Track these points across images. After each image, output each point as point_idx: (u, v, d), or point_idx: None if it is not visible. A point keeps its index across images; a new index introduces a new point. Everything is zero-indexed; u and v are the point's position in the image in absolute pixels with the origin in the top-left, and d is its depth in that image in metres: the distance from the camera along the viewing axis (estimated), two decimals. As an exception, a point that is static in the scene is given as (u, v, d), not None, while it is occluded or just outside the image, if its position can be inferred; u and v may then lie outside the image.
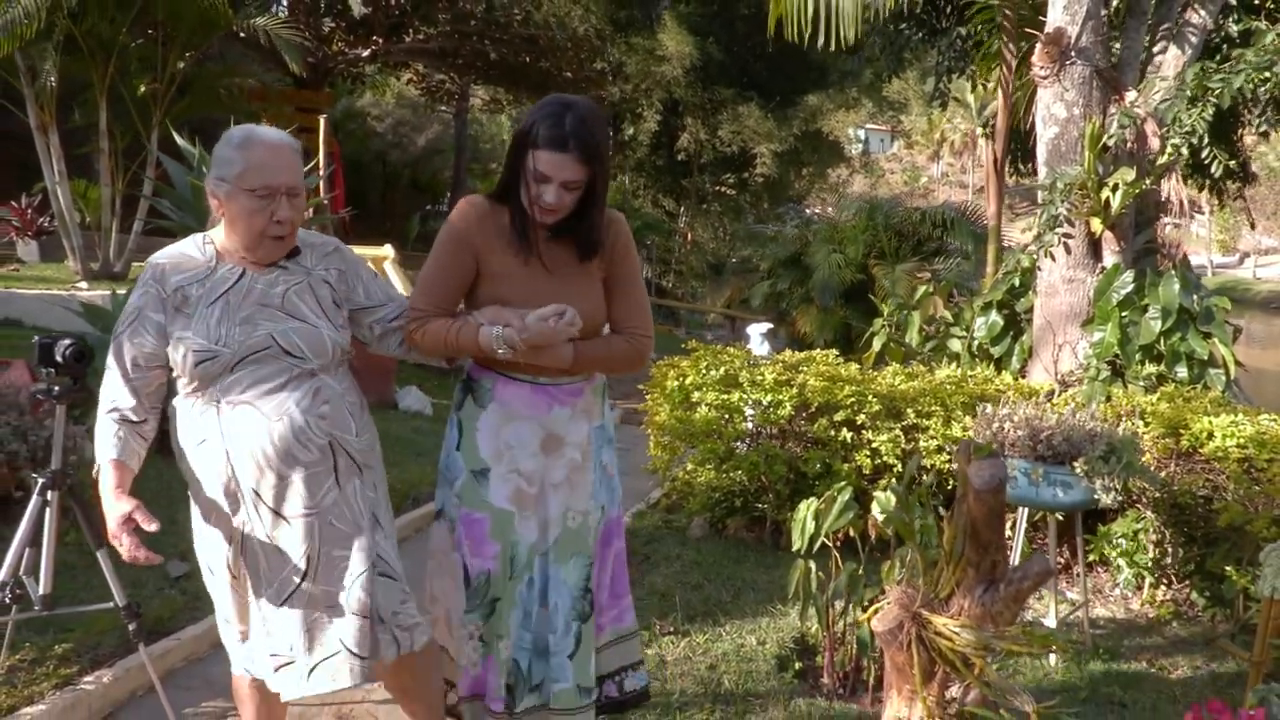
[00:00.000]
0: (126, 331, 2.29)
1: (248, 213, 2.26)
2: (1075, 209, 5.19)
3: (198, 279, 2.31)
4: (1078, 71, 5.17)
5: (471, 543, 2.52)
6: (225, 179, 2.26)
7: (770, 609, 4.42)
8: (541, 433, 2.52)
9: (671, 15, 22.58)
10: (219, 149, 2.30)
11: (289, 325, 2.32)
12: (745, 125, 24.09)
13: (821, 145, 28.05)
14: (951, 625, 2.69)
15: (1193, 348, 5.10)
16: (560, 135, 2.29)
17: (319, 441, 2.33)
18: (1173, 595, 4.82)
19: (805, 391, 5.04)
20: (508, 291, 2.43)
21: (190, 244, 2.39)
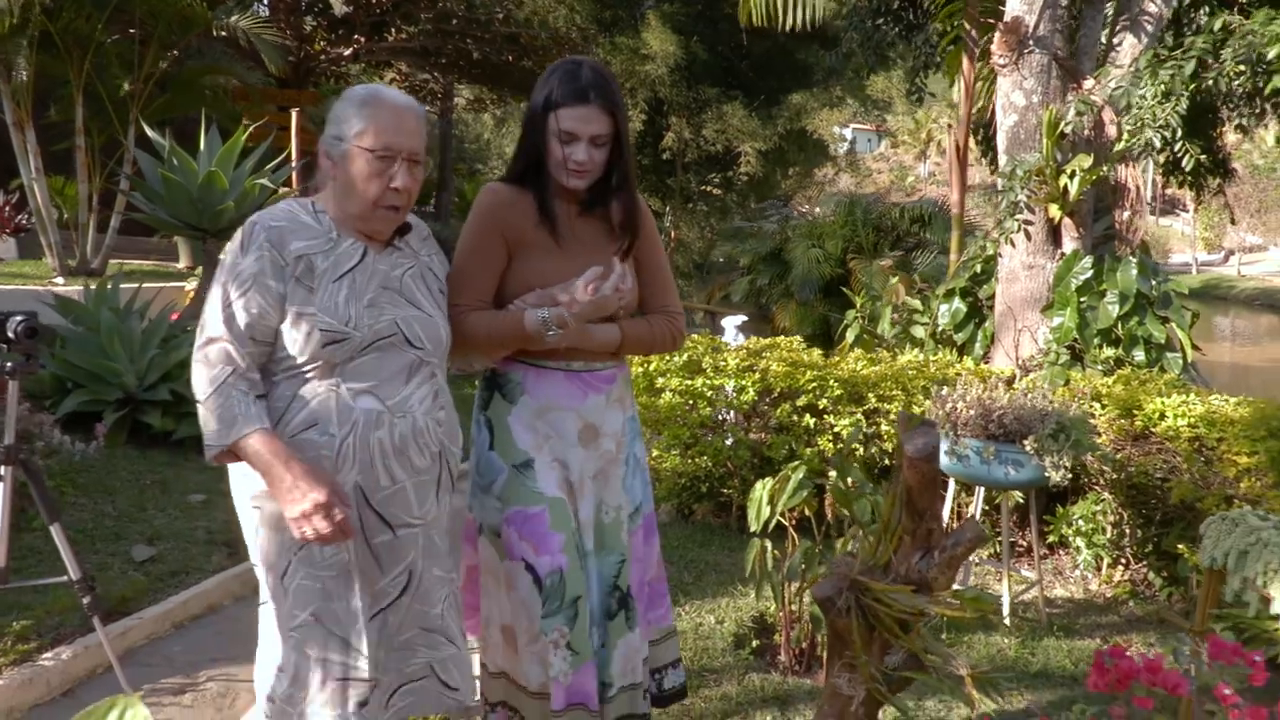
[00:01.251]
0: (240, 298, 2.00)
1: (364, 176, 2.06)
2: (1034, 196, 5.26)
3: (321, 249, 2.07)
4: (1036, 60, 5.25)
5: (534, 541, 2.31)
6: (342, 138, 2.07)
7: (731, 590, 4.47)
8: (580, 422, 2.39)
9: (655, 14, 22.65)
10: (338, 106, 2.10)
11: (411, 313, 2.15)
12: (730, 124, 24.15)
13: (806, 144, 28.15)
14: (889, 591, 2.75)
15: (1150, 332, 5.18)
16: (581, 88, 2.22)
17: (433, 448, 2.17)
18: (1130, 575, 4.89)
19: (768, 377, 5.10)
20: (543, 275, 2.31)
21: (298, 208, 2.13)
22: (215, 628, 3.88)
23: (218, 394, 1.96)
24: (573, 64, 2.28)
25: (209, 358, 1.99)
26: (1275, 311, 40.22)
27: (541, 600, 2.30)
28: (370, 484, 2.08)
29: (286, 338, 2.03)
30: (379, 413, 2.07)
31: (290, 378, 2.06)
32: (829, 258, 12.79)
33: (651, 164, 25.82)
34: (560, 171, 2.27)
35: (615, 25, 23.17)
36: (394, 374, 2.09)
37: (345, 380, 2.05)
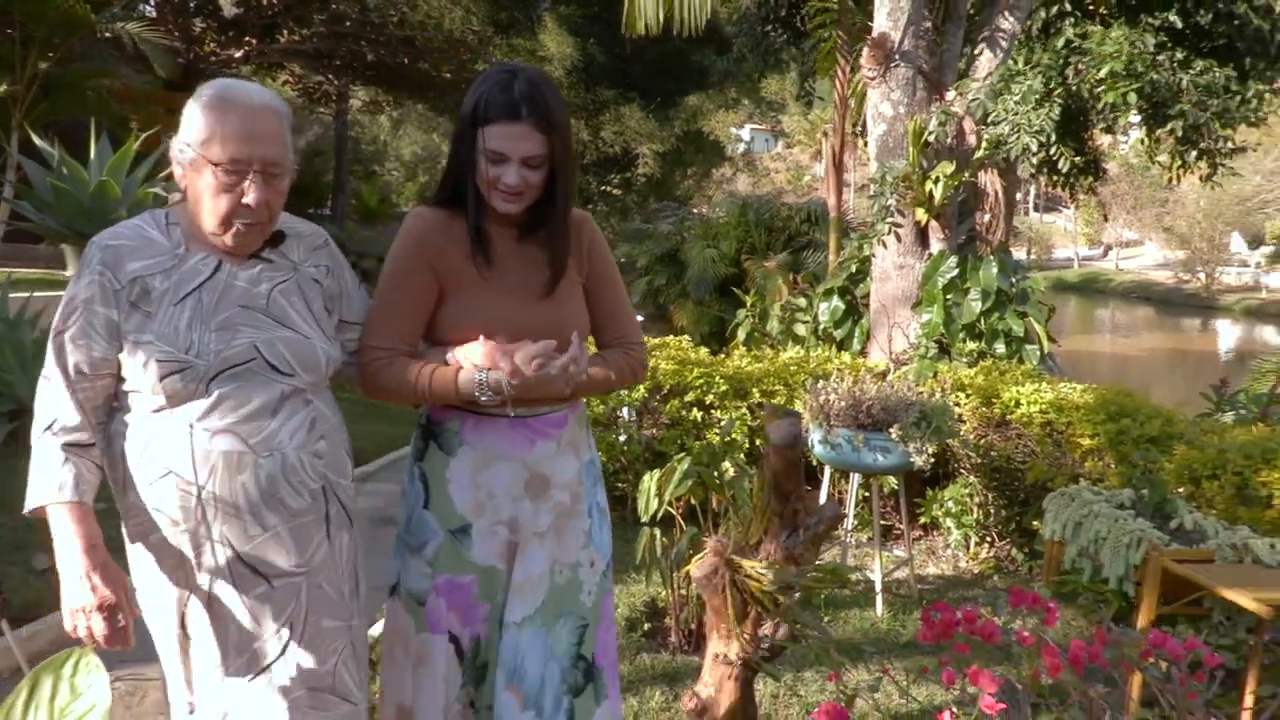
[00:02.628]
0: (70, 329, 1.80)
1: (212, 190, 1.81)
2: (903, 200, 5.63)
3: (162, 269, 1.83)
4: (902, 73, 5.61)
5: (460, 611, 2.11)
6: (189, 144, 1.82)
7: (625, 577, 4.70)
8: (525, 474, 2.11)
9: (552, 16, 22.81)
10: (187, 107, 1.84)
11: (276, 334, 1.88)
12: (628, 126, 24.44)
13: (704, 145, 28.63)
14: (759, 568, 3.01)
15: (1010, 326, 5.59)
16: (511, 102, 1.94)
17: (312, 485, 1.91)
18: (995, 552, 5.27)
19: (658, 375, 5.35)
20: (477, 315, 2.05)
21: (147, 222, 1.89)
22: (118, 631, 3.95)
23: (38, 445, 1.79)
24: (504, 73, 1.99)
25: (41, 397, 1.82)
26: (1151, 304, 42.27)
27: (462, 671, 2.13)
28: (237, 534, 1.85)
29: (127, 368, 1.81)
30: (240, 454, 1.82)
31: (141, 415, 1.84)
32: (724, 258, 13.14)
33: (550, 166, 26.02)
34: (491, 194, 2.01)
35: (511, 27, 23.27)
36: (258, 406, 1.84)
37: (200, 417, 1.80)
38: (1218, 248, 41.91)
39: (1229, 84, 10.47)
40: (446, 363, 2.03)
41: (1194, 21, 10.42)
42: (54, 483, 1.76)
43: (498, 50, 22.23)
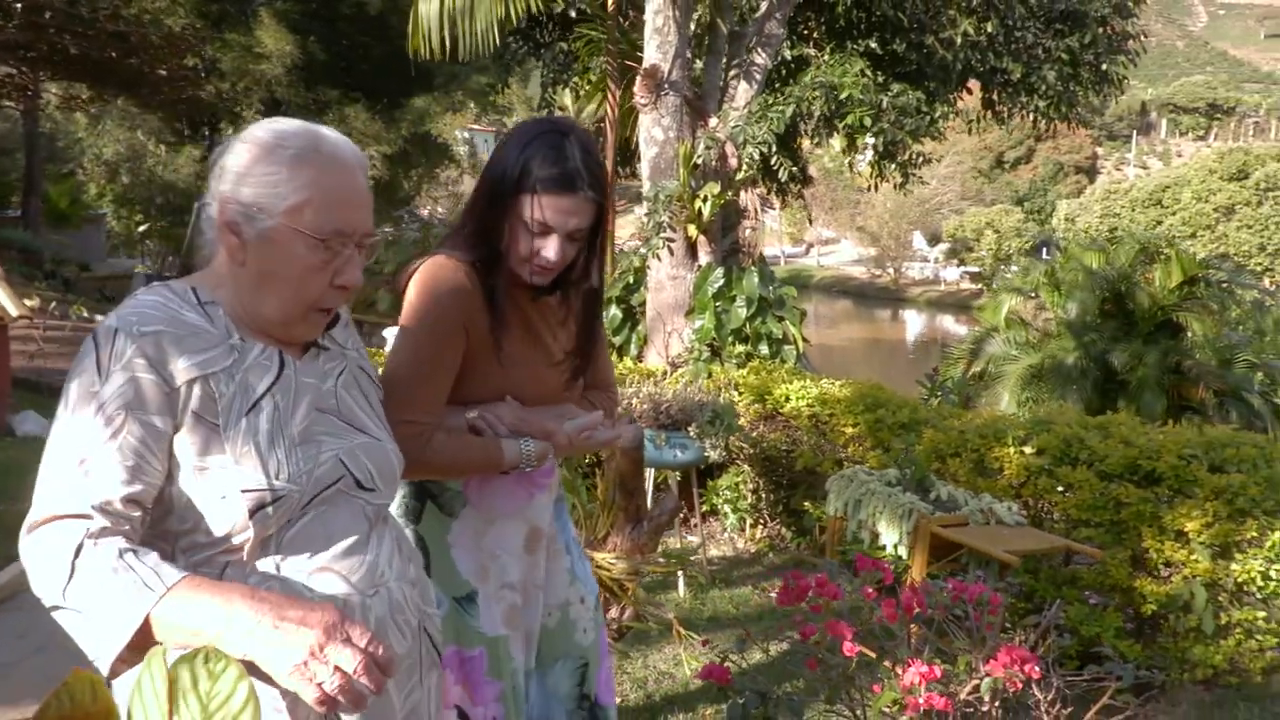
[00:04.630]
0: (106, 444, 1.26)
1: (302, 270, 1.40)
2: (675, 217, 6.17)
3: (221, 366, 1.37)
4: (671, 101, 6.14)
5: (468, 688, 1.93)
6: (265, 209, 1.37)
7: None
8: (525, 528, 1.99)
9: (269, 12, 21.95)
10: (249, 157, 1.39)
11: (354, 441, 1.49)
12: (353, 127, 23.88)
13: (430, 148, 28.45)
14: (608, 558, 3.38)
15: (771, 329, 6.26)
16: (566, 173, 1.76)
17: (413, 622, 1.55)
18: (768, 532, 5.91)
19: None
20: (506, 382, 1.90)
21: (172, 300, 1.40)
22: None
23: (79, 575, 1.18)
24: (556, 135, 1.80)
25: (45, 541, 1.22)
26: (848, 297, 46.21)
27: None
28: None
29: (187, 507, 1.33)
30: (345, 597, 1.42)
31: (202, 560, 1.35)
32: (473, 264, 13.34)
33: (270, 167, 25.01)
34: (521, 266, 1.83)
35: (224, 21, 22.20)
36: (355, 536, 1.46)
37: (287, 556, 1.39)
38: (903, 245, 46.49)
39: (920, 105, 11.93)
40: (474, 429, 1.87)
41: (891, 49, 11.80)
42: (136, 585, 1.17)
43: (211, 46, 21.18)
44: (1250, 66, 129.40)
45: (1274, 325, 13.98)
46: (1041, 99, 13.74)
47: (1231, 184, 42.45)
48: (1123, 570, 3.89)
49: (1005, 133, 16.38)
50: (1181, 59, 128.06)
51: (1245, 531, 3.70)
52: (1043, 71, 13.19)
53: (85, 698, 0.90)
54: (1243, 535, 3.70)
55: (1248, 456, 3.92)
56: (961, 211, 50.70)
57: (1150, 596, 3.84)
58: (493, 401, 1.89)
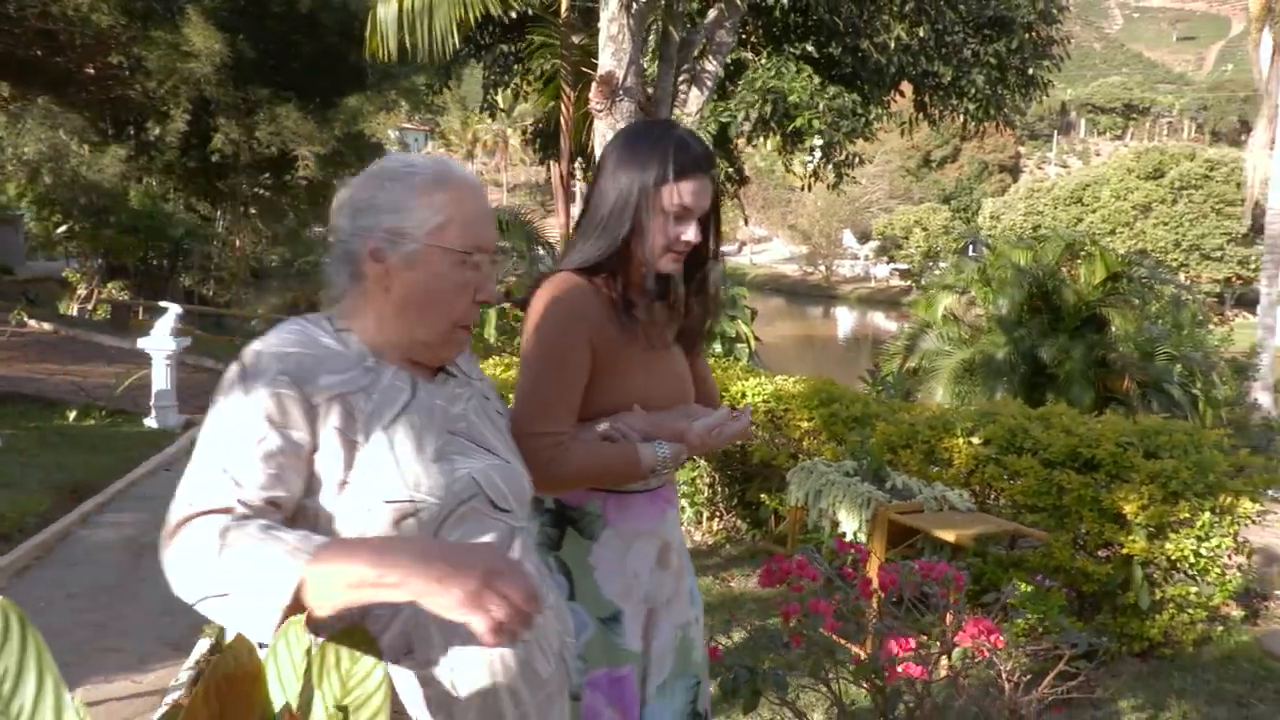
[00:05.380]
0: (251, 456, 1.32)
1: (450, 288, 1.48)
2: (630, 220, 6.32)
3: (359, 386, 1.42)
4: (626, 106, 6.29)
5: (621, 709, 1.93)
6: (409, 234, 1.45)
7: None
8: (658, 544, 2.00)
9: (196, 9, 21.56)
10: (384, 188, 1.47)
11: (486, 462, 1.52)
12: (285, 126, 23.55)
13: (364, 147, 28.19)
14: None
15: (724, 328, 6.45)
16: (699, 156, 1.88)
17: (555, 646, 1.55)
18: (725, 525, 6.10)
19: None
20: (634, 389, 1.93)
21: (310, 328, 1.47)
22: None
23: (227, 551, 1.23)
24: (670, 127, 1.95)
25: (187, 535, 1.26)
26: (781, 295, 46.81)
27: None
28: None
29: (331, 521, 1.37)
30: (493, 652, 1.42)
31: None
32: (416, 265, 13.37)
33: (199, 167, 24.56)
34: (660, 256, 1.89)
35: (150, 18, 21.76)
36: None
37: None
38: (834, 243, 47.25)
39: (856, 107, 12.27)
40: (608, 439, 1.88)
41: (827, 53, 12.11)
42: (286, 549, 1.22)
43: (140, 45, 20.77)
44: (1164, 68, 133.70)
45: (1190, 319, 14.59)
46: (971, 101, 14.17)
47: (1148, 182, 43.95)
48: (1066, 552, 4.15)
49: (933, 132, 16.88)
50: (1099, 60, 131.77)
51: (1178, 513, 3.98)
52: (972, 75, 13.62)
53: (245, 658, 1.03)
54: (1175, 516, 3.98)
55: (1179, 443, 4.21)
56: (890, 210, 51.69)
57: (1091, 575, 4.10)
58: (621, 411, 1.91)
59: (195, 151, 23.88)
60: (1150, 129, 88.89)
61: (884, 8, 12.09)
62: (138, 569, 5.23)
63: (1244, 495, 4.03)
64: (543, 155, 14.38)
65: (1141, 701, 3.77)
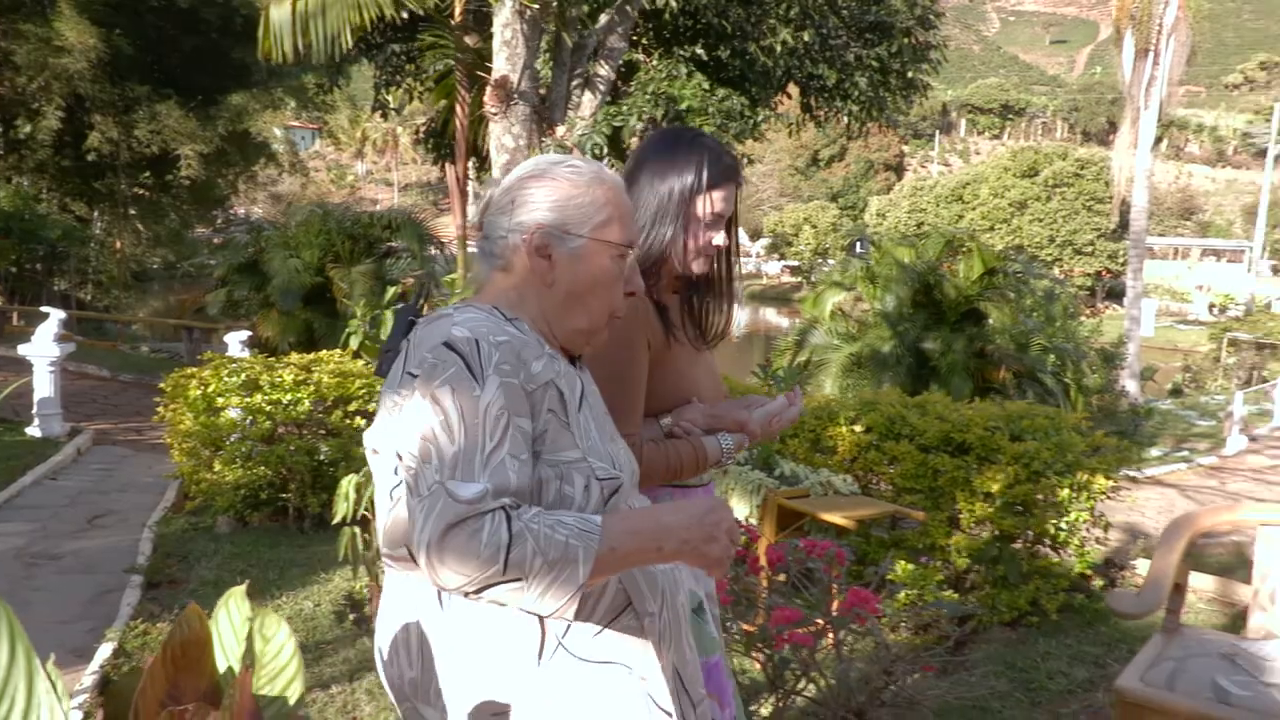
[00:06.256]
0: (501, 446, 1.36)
1: (609, 280, 1.57)
2: (526, 221, 6.44)
3: (557, 371, 1.50)
4: (521, 110, 6.42)
5: (720, 694, 1.95)
6: (574, 229, 1.54)
7: (315, 578, 5.06)
8: None
9: (68, 2, 20.80)
10: (548, 187, 1.54)
11: (620, 444, 1.63)
12: (165, 125, 22.92)
13: (249, 146, 27.57)
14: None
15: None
16: (730, 165, 2.00)
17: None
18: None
19: (321, 388, 5.71)
20: (683, 384, 2.03)
21: (492, 318, 1.49)
22: None
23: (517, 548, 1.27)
24: (710, 142, 2.03)
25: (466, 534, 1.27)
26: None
27: None
28: (681, 661, 1.60)
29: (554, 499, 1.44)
30: (671, 570, 1.60)
31: None
32: (308, 267, 13.21)
33: (74, 167, 23.72)
34: (693, 259, 2.00)
35: (18, 10, 20.93)
36: None
37: None
38: (727, 241, 47.92)
39: (744, 109, 12.59)
40: (672, 435, 1.96)
41: (716, 55, 12.40)
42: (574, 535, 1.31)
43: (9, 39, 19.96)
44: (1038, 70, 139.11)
45: (1062, 312, 15.35)
46: (854, 103, 14.64)
47: (1024, 180, 45.74)
48: (941, 530, 4.44)
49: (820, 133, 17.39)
50: (978, 62, 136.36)
51: (1040, 490, 4.31)
52: (855, 78, 14.07)
53: (196, 626, 1.16)
54: (1038, 494, 4.31)
55: (1041, 426, 4.54)
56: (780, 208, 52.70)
57: (964, 551, 4.41)
58: (678, 407, 1.99)
59: (70, 150, 23.08)
60: (1026, 129, 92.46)
61: (770, 12, 12.42)
62: (30, 578, 5.15)
63: (1099, 473, 4.38)
64: (435, 155, 14.37)
65: (1009, 665, 4.08)
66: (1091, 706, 3.79)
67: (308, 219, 13.91)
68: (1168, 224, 58.84)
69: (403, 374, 1.43)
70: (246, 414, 5.59)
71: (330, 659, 4.09)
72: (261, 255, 13.57)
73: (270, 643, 1.33)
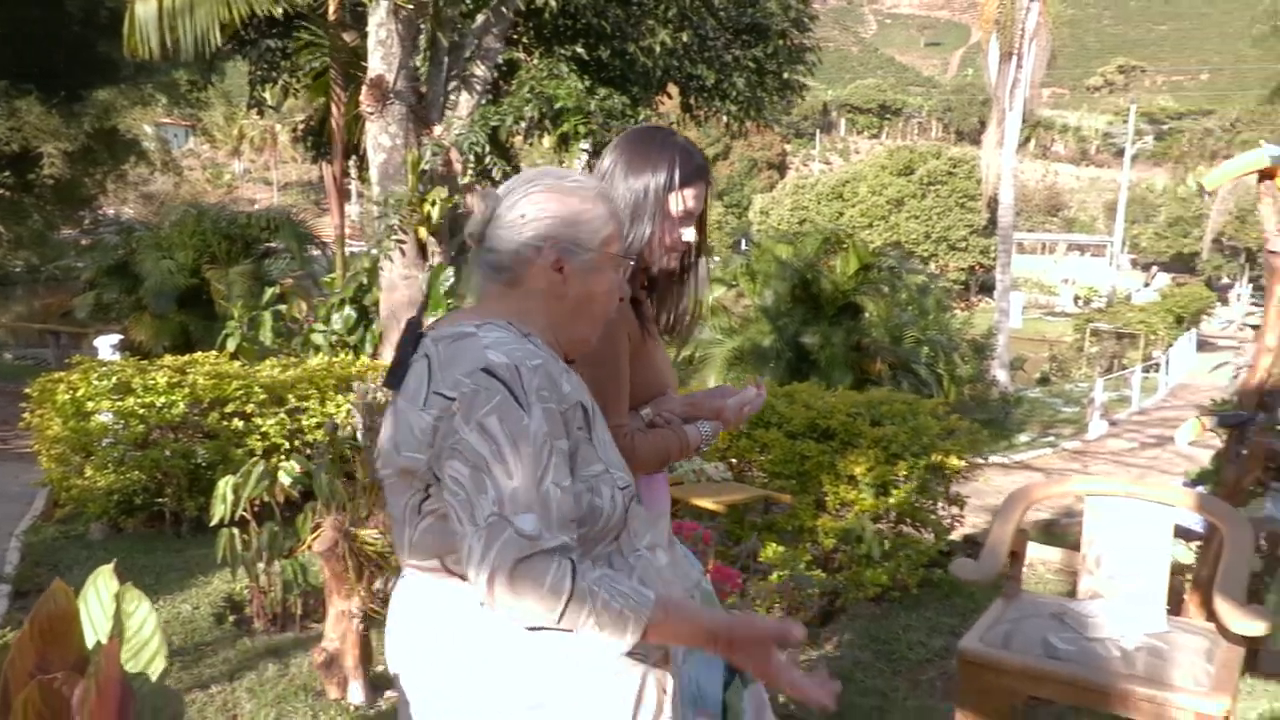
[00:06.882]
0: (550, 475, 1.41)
1: (613, 290, 1.64)
2: (406, 220, 6.47)
3: (577, 385, 1.55)
4: (397, 109, 6.43)
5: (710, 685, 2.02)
6: (586, 244, 1.58)
7: (193, 581, 5.01)
8: (669, 525, 2.12)
9: (-90, -6, 19.72)
10: (559, 203, 1.58)
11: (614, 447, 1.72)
12: (26, 121, 21.91)
13: (118, 144, 26.58)
14: (372, 534, 3.73)
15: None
16: (701, 165, 2.04)
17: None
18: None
19: (197, 390, 5.63)
20: (658, 376, 2.09)
21: (516, 335, 1.52)
22: None
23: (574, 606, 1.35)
24: (681, 142, 2.06)
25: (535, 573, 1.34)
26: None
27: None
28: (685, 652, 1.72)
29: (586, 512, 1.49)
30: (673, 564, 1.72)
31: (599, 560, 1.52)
32: (182, 268, 12.86)
33: (-81, 165, 22.56)
34: (664, 254, 2.05)
35: None
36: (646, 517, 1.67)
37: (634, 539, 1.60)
38: (615, 239, 48.18)
39: (625, 108, 12.74)
40: (653, 425, 2.03)
41: (596, 55, 12.52)
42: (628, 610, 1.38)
43: None
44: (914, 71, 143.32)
45: (935, 305, 15.96)
46: (733, 103, 14.93)
47: (900, 178, 47.16)
48: (809, 513, 4.66)
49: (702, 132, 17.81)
50: (856, 63, 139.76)
51: (898, 471, 4.56)
52: (733, 79, 14.37)
53: (63, 602, 1.23)
54: (896, 474, 4.57)
55: (898, 411, 4.81)
56: (667, 206, 52.99)
57: (830, 532, 4.64)
58: (656, 398, 2.05)
59: (-89, 147, 21.92)
60: (903, 128, 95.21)
61: (649, 13, 12.60)
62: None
63: (953, 454, 4.66)
64: (315, 153, 14.15)
65: (873, 638, 4.31)
66: (946, 673, 4.05)
67: (182, 219, 13.53)
68: (1036, 220, 61.45)
69: (429, 393, 1.44)
70: (119, 418, 5.48)
71: (210, 660, 4.08)
72: (133, 257, 13.15)
73: (132, 618, 1.40)
